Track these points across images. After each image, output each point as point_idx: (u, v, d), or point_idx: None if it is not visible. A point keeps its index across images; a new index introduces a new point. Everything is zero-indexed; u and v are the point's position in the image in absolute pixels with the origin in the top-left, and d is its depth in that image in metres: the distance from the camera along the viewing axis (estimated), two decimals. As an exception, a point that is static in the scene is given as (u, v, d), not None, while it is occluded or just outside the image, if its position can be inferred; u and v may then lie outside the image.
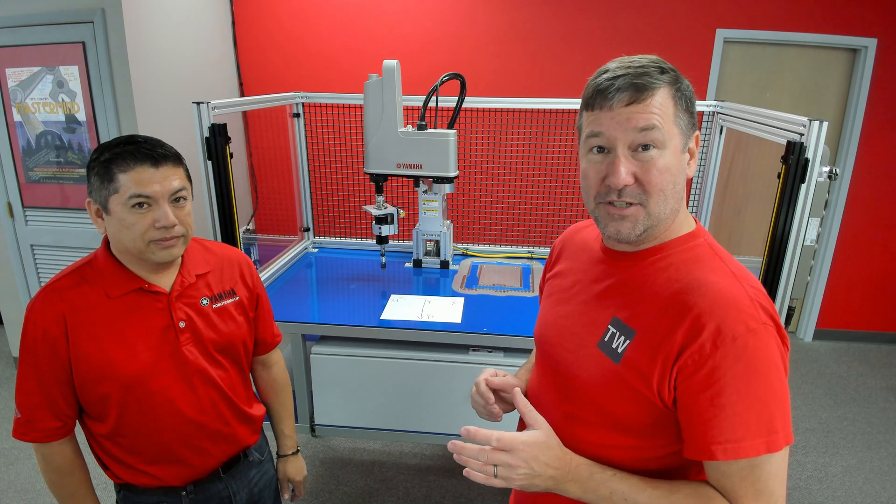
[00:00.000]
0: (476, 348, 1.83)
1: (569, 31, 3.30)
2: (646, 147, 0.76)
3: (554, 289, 0.99)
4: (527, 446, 0.78)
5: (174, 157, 1.06)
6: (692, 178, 0.83)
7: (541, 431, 0.81)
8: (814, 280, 3.72)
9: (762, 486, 0.72)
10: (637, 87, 0.75)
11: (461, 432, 0.79)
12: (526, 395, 1.04)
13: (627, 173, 0.76)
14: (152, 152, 1.02)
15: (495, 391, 1.01)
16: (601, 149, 0.79)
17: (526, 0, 3.26)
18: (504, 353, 1.82)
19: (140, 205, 1.01)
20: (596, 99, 0.78)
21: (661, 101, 0.76)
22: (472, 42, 3.35)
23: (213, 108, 1.71)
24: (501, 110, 2.45)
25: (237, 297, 1.21)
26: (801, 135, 1.54)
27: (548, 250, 2.53)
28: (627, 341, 0.79)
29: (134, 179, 1.00)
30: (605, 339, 0.83)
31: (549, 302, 0.99)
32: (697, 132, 0.82)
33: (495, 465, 0.77)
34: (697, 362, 0.72)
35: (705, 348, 0.71)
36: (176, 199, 1.05)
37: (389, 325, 1.81)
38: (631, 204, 0.78)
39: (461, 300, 2.00)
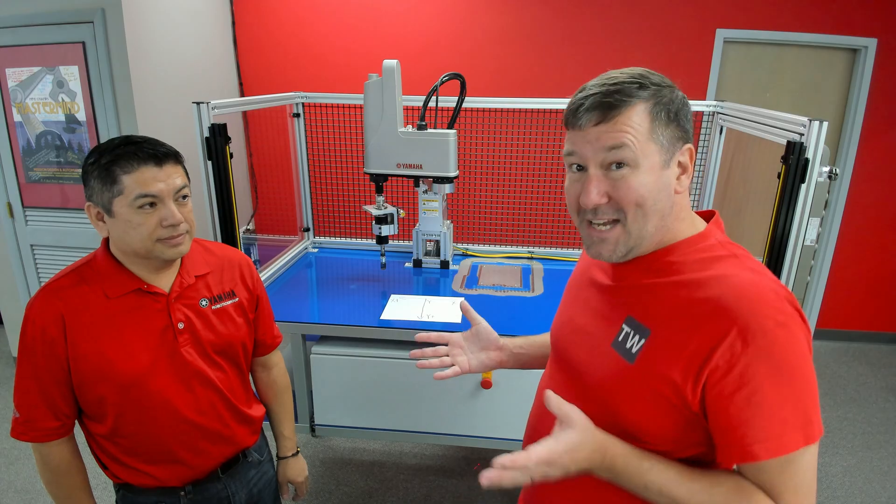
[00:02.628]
0: (476, 348, 1.83)
1: (569, 31, 3.30)
2: (619, 165, 0.76)
3: (571, 286, 1.00)
4: (564, 454, 0.75)
5: (174, 156, 1.06)
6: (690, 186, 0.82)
7: (574, 431, 0.76)
8: (814, 280, 3.72)
9: (800, 480, 0.72)
10: (605, 106, 0.75)
11: (495, 465, 0.72)
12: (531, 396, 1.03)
13: (599, 193, 0.78)
14: (155, 151, 1.02)
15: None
16: (580, 167, 0.81)
17: (526, 0, 3.26)
18: (504, 353, 1.82)
19: (146, 205, 1.01)
20: (569, 119, 0.80)
21: (634, 119, 0.75)
22: (472, 42, 3.35)
23: (213, 108, 1.71)
24: (501, 110, 2.44)
25: (237, 299, 1.21)
26: (801, 135, 1.53)
27: (548, 250, 2.55)
28: (642, 340, 0.79)
29: (138, 180, 1.00)
30: (619, 339, 0.82)
31: (565, 300, 1.00)
32: (689, 145, 0.80)
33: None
34: (729, 362, 0.70)
35: (736, 347, 0.70)
36: (179, 196, 1.06)
37: (389, 325, 1.81)
38: (611, 222, 0.79)
39: (461, 300, 1.99)
